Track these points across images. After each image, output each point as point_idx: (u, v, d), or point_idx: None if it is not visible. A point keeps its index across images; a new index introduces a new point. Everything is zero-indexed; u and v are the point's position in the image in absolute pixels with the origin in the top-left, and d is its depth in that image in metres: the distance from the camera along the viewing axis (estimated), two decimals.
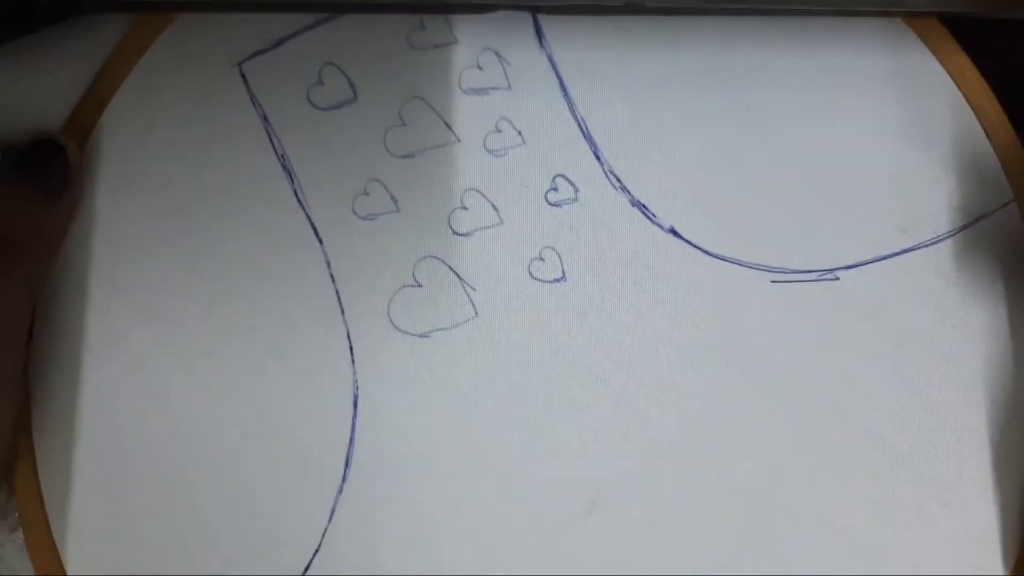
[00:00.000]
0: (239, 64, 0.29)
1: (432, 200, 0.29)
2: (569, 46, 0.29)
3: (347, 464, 0.28)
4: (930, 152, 0.29)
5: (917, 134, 0.29)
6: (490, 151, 0.29)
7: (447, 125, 0.29)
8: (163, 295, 0.28)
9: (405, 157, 0.29)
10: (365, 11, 0.29)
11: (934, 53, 0.30)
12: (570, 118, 0.29)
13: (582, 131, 0.29)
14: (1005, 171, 0.29)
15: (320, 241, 0.29)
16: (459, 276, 0.29)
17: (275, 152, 0.29)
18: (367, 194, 0.29)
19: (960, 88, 0.29)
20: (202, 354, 0.28)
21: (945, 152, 0.29)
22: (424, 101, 0.29)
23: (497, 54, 0.29)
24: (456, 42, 0.29)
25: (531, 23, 0.29)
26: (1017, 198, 0.29)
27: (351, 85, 0.29)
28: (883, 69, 0.30)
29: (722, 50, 0.29)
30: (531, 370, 0.28)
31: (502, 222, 0.29)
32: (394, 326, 0.28)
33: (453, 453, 0.28)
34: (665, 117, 0.29)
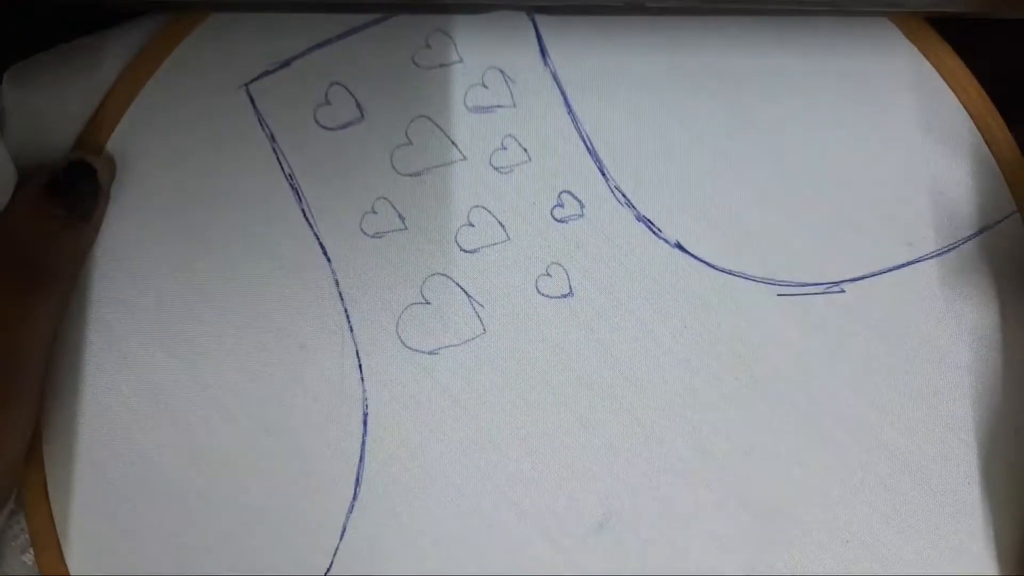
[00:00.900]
0: (246, 85, 0.29)
1: (439, 218, 0.29)
2: (573, 62, 0.30)
3: (357, 482, 0.28)
4: (935, 164, 0.29)
5: (922, 147, 0.29)
6: (496, 168, 0.29)
7: (453, 143, 0.29)
8: (172, 315, 0.28)
9: (412, 175, 0.29)
10: (366, 11, 0.29)
11: (935, 65, 0.30)
12: (575, 134, 0.29)
13: (587, 147, 0.29)
14: (1008, 183, 0.29)
15: (328, 260, 0.29)
16: (467, 293, 0.29)
17: (283, 172, 0.29)
18: (375, 212, 0.29)
19: (965, 104, 0.30)
20: (212, 373, 0.28)
21: (950, 164, 0.29)
22: (430, 120, 0.29)
23: (501, 72, 0.30)
24: (460, 60, 0.30)
25: (535, 40, 0.30)
26: (1020, 210, 0.29)
27: (358, 105, 0.29)
28: (888, 80, 0.30)
29: (726, 56, 0.30)
30: (540, 386, 0.28)
31: (509, 239, 0.29)
32: (403, 343, 0.28)
33: (463, 470, 0.28)
34: (670, 132, 0.29)
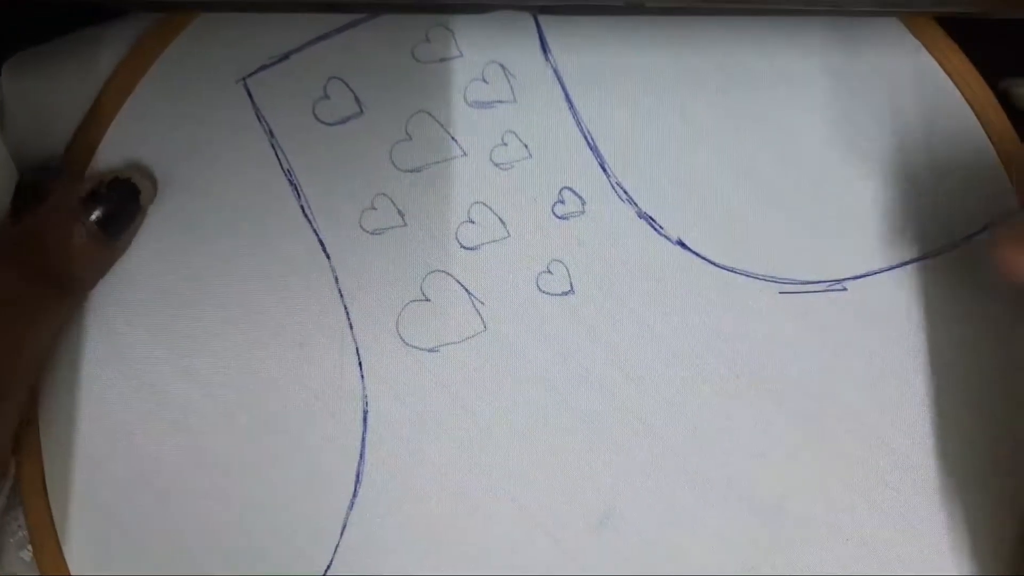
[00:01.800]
0: (244, 79, 0.29)
1: (439, 214, 0.29)
2: (574, 57, 0.29)
3: (358, 479, 0.28)
4: (938, 161, 0.29)
5: (925, 143, 0.29)
6: (497, 164, 0.29)
7: (453, 139, 0.29)
8: (170, 311, 0.28)
9: (412, 171, 0.29)
10: (366, 11, 0.29)
11: (938, 60, 0.30)
12: (576, 130, 0.29)
13: (588, 143, 0.29)
14: (1011, 181, 0.29)
15: (328, 256, 0.28)
16: (467, 290, 0.29)
17: (281, 167, 0.29)
18: (374, 208, 0.29)
19: (969, 101, 0.29)
20: (211, 370, 0.28)
21: (953, 161, 0.29)
22: (430, 115, 0.29)
23: (502, 67, 0.29)
24: (461, 55, 0.29)
25: (536, 34, 0.29)
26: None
27: (357, 99, 0.29)
28: (890, 77, 0.30)
29: (728, 51, 0.29)
30: (540, 383, 0.28)
31: (509, 235, 0.29)
32: (403, 341, 0.28)
33: (463, 467, 0.28)
34: (672, 128, 0.29)
